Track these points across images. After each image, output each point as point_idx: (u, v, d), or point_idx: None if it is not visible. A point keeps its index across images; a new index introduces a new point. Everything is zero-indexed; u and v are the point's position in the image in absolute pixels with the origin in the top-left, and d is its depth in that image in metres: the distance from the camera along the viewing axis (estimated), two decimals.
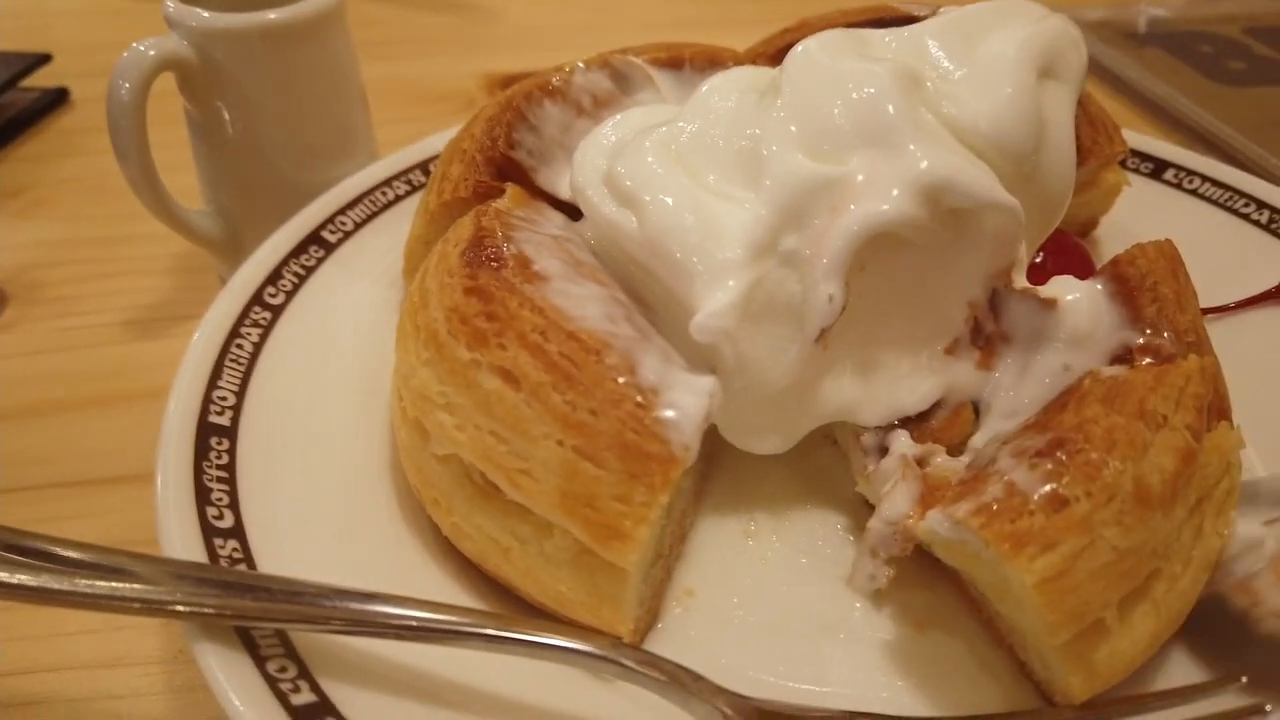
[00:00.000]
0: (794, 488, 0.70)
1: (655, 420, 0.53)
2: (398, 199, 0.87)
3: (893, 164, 0.59)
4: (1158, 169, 0.94)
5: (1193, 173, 0.92)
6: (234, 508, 0.59)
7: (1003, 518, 0.51)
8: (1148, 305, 0.61)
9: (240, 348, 0.70)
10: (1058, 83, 0.70)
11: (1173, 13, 1.47)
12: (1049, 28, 0.70)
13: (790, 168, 0.60)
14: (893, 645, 0.60)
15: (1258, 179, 0.91)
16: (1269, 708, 0.52)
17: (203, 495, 0.59)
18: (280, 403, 0.68)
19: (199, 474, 0.60)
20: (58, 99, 1.30)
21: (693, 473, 0.63)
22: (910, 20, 0.73)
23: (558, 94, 0.75)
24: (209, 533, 0.57)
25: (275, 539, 0.59)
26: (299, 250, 0.79)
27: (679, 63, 0.80)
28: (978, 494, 0.53)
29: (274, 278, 0.76)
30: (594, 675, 0.54)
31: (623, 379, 0.54)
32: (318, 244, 0.80)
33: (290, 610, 0.50)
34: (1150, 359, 0.59)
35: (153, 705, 0.61)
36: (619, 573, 0.54)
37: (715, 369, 0.60)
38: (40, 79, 1.30)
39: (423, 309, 0.62)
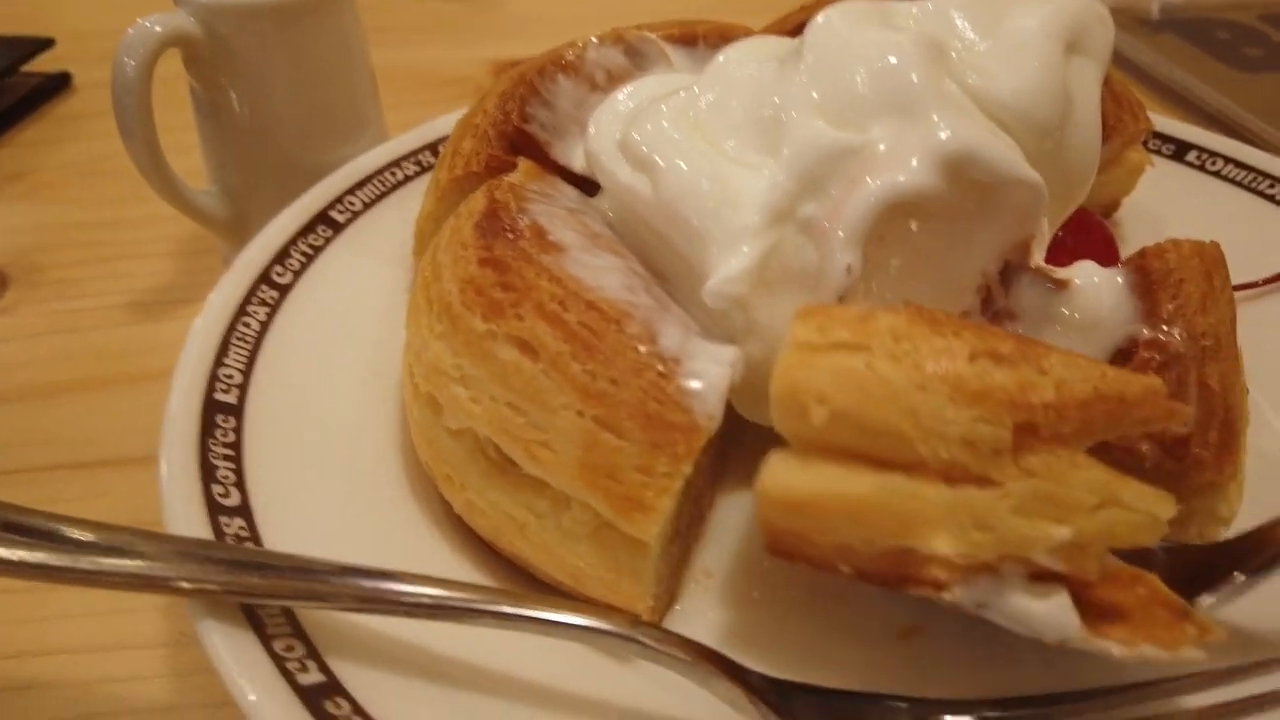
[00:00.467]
0: None
1: (678, 389, 0.52)
2: (407, 179, 0.85)
3: (915, 133, 0.57)
4: (1180, 150, 0.92)
5: (1215, 154, 0.91)
6: (240, 486, 0.58)
7: None
8: (1167, 301, 0.59)
9: (247, 326, 0.68)
10: (1084, 58, 0.68)
11: None
12: (1076, 2, 0.69)
13: (811, 135, 0.58)
14: (912, 632, 0.58)
15: None
16: None
17: (208, 472, 0.57)
18: (288, 382, 0.66)
19: (204, 451, 0.58)
20: (60, 84, 1.29)
21: (711, 449, 0.62)
22: None
23: (571, 69, 0.74)
24: (214, 510, 0.55)
25: (282, 518, 0.57)
26: (307, 230, 0.77)
27: (693, 39, 0.79)
28: None
29: (281, 257, 0.74)
30: (610, 655, 0.53)
31: (644, 348, 0.53)
32: (326, 224, 0.79)
33: (298, 587, 0.49)
34: (1154, 355, 0.57)
35: (154, 689, 0.60)
36: (639, 546, 0.52)
37: (732, 340, 0.58)
38: (42, 64, 1.29)
39: (435, 282, 0.60)
